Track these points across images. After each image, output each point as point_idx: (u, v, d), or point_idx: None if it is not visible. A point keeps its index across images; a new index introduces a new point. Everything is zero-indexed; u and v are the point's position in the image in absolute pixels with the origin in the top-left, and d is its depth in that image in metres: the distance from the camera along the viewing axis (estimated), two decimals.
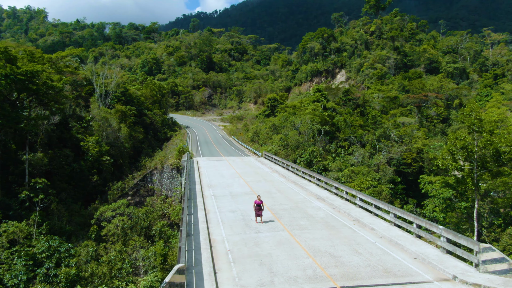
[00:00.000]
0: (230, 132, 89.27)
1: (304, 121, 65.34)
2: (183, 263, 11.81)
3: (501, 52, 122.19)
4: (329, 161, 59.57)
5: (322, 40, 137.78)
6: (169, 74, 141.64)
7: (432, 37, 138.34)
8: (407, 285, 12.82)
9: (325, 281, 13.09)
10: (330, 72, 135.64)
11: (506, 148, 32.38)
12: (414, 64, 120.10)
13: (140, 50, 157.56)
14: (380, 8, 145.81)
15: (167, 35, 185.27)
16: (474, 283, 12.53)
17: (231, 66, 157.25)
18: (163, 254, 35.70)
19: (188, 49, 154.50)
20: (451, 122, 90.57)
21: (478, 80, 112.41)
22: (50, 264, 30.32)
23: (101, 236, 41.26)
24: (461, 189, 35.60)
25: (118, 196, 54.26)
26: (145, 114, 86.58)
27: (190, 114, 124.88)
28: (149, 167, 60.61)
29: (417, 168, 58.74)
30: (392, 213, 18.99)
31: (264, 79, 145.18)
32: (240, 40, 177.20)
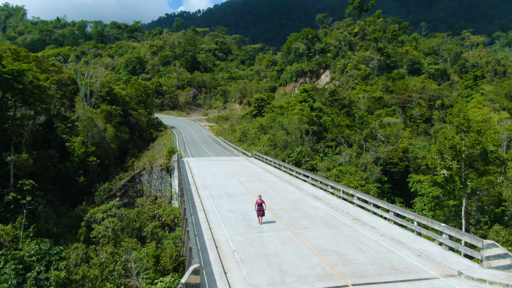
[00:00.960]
0: (217, 132, 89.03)
1: (292, 121, 65.70)
2: (198, 263, 11.79)
3: (480, 54, 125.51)
4: (317, 161, 60.05)
5: (307, 41, 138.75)
6: (153, 73, 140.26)
7: (414, 38, 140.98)
8: (415, 282, 13.12)
9: (335, 279, 13.28)
10: (314, 72, 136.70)
11: (494, 148, 33.35)
12: (397, 65, 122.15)
13: (123, 49, 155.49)
14: (363, 10, 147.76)
15: (150, 34, 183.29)
16: (479, 279, 12.93)
17: (216, 66, 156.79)
18: (155, 255, 35.45)
19: (172, 48, 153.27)
20: (433, 122, 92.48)
21: (458, 81, 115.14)
22: (41, 268, 29.73)
23: (90, 238, 40.67)
24: (449, 187, 36.45)
25: (105, 198, 53.52)
26: (130, 114, 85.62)
27: (175, 114, 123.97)
28: (137, 168, 59.97)
29: (403, 168, 59.87)
30: (392, 211, 19.36)
31: (249, 79, 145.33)
32: (225, 40, 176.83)
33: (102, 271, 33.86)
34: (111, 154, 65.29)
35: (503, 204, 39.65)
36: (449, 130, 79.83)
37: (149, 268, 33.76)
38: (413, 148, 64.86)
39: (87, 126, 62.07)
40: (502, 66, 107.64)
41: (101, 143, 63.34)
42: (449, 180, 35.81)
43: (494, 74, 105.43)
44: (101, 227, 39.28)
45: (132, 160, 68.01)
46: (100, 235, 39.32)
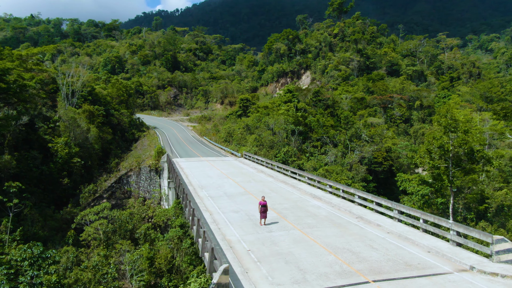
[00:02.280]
0: (201, 133, 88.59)
1: (277, 121, 66.16)
2: (226, 263, 11.88)
3: (455, 56, 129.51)
4: (303, 161, 60.71)
5: (288, 41, 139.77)
6: (133, 73, 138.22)
7: (392, 40, 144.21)
8: (432, 277, 13.62)
9: (355, 276, 13.63)
10: (295, 73, 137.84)
11: (480, 147, 34.63)
12: (376, 66, 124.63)
13: (102, 48, 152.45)
14: (342, 11, 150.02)
15: (129, 33, 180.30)
16: (492, 272, 13.54)
17: (197, 65, 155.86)
18: (149, 257, 35.09)
19: (152, 48, 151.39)
20: (412, 122, 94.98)
21: (435, 82, 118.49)
22: (35, 272, 29.00)
23: (79, 241, 39.88)
24: (437, 186, 37.60)
25: (92, 199, 52.54)
26: (112, 114, 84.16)
27: (156, 115, 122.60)
28: (123, 169, 59.10)
29: (387, 167, 61.24)
30: (396, 209, 19.92)
31: (230, 79, 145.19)
32: (205, 40, 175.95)
33: (95, 274, 33.36)
34: (94, 155, 64.20)
35: (486, 201, 41.15)
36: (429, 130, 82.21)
37: (144, 270, 33.47)
38: (396, 147, 66.47)
39: (69, 126, 60.84)
40: (477, 68, 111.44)
41: (84, 143, 62.17)
42: (437, 178, 36.93)
43: (470, 76, 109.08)
44: (91, 230, 38.64)
45: (115, 161, 67.02)
46: (90, 237, 38.69)
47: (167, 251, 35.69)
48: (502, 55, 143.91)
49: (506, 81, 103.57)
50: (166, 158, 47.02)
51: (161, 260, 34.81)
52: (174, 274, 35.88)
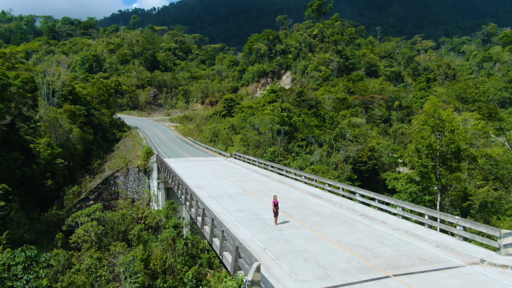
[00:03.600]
0: (184, 133, 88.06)
1: (263, 121, 66.56)
2: (257, 261, 12.09)
3: (431, 58, 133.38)
4: (289, 160, 61.33)
5: (268, 42, 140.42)
6: (112, 72, 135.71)
7: (370, 42, 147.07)
8: (447, 270, 14.24)
9: (375, 271, 14.10)
10: (276, 73, 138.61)
11: (466, 146, 36.03)
12: (355, 67, 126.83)
13: (78, 46, 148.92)
14: (321, 13, 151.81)
15: (106, 31, 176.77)
16: (502, 265, 14.29)
17: (176, 65, 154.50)
18: (144, 259, 34.78)
19: (130, 46, 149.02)
20: (391, 122, 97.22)
21: (412, 83, 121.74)
22: (30, 276, 28.28)
23: (69, 244, 39.07)
24: (425, 184, 38.85)
25: (78, 201, 51.52)
26: (93, 114, 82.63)
27: (136, 114, 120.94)
28: (109, 169, 58.18)
29: (372, 166, 62.61)
30: (400, 206, 20.59)
31: (210, 79, 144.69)
32: (184, 39, 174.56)
33: (89, 277, 32.87)
34: (76, 156, 63.01)
35: (469, 198, 42.75)
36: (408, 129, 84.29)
37: (138, 272, 33.16)
38: (378, 147, 68.03)
39: (50, 126, 59.49)
40: (452, 70, 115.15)
41: (66, 144, 60.92)
42: (425, 177, 38.15)
43: (445, 77, 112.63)
44: (81, 232, 37.96)
45: (98, 162, 65.96)
46: (80, 240, 37.98)
47: (162, 252, 35.48)
48: (474, 57, 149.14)
49: (479, 82, 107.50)
50: (155, 158, 46.63)
51: (156, 261, 34.58)
52: (168, 275, 35.72)
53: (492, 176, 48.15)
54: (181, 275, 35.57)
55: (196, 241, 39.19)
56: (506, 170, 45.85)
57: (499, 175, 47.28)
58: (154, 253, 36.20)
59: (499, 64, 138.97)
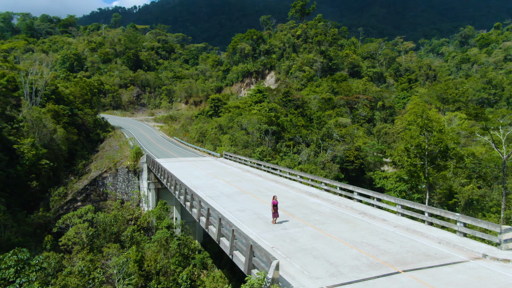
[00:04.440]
0: (170, 133, 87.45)
1: (251, 121, 66.76)
2: (276, 259, 12.28)
3: (412, 59, 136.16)
4: (277, 160, 61.68)
5: (252, 42, 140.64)
6: (93, 71, 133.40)
7: (353, 43, 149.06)
8: (453, 265, 14.75)
9: (384, 267, 14.49)
10: (260, 73, 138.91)
11: (454, 145, 37.08)
12: (339, 68, 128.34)
13: (58, 44, 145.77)
14: (305, 13, 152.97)
15: (86, 29, 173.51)
16: (504, 259, 14.90)
17: (159, 64, 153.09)
18: (138, 260, 34.51)
19: (112, 45, 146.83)
20: (375, 122, 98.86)
21: (394, 83, 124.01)
22: (23, 279, 27.73)
23: (58, 246, 38.39)
24: (414, 182, 39.82)
25: (65, 202, 50.62)
26: (76, 114, 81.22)
27: (120, 114, 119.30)
28: (94, 170, 57.37)
29: (358, 165, 63.56)
30: (400, 204, 21.12)
31: (194, 79, 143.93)
32: (167, 38, 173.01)
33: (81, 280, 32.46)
34: (60, 157, 61.91)
35: (455, 196, 43.99)
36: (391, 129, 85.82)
37: (133, 273, 32.89)
38: (364, 146, 69.14)
39: (34, 127, 58.30)
40: (433, 71, 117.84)
41: (50, 144, 59.77)
42: (414, 175, 39.09)
43: (426, 78, 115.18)
44: (71, 234, 37.35)
45: (82, 163, 64.97)
46: (71, 242, 37.38)
47: (156, 253, 35.27)
48: (452, 59, 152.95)
49: (459, 83, 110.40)
50: (145, 159, 46.25)
51: (151, 262, 34.38)
52: (162, 276, 35.56)
53: (475, 175, 49.64)
54: (174, 276, 35.48)
55: (189, 241, 39.15)
56: (489, 169, 47.35)
57: (482, 173, 48.77)
58: (147, 254, 35.98)
59: (477, 66, 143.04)
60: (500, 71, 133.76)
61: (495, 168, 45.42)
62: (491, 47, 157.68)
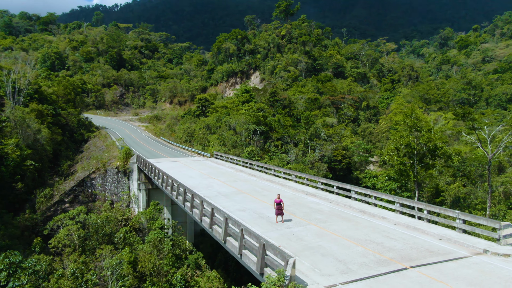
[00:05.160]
0: (156, 133, 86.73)
1: (239, 121, 66.86)
2: (292, 257, 12.48)
3: (394, 60, 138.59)
4: (266, 160, 61.95)
5: (237, 42, 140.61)
6: (75, 70, 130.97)
7: (336, 43, 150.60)
8: (457, 260, 15.25)
9: (392, 264, 14.87)
10: (245, 73, 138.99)
11: (443, 144, 38.05)
12: (323, 68, 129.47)
13: (39, 43, 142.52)
14: (289, 14, 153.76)
15: (67, 27, 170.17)
16: (504, 254, 15.50)
17: (143, 64, 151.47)
18: (131, 261, 34.21)
19: (95, 44, 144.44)
20: (359, 122, 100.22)
21: (377, 84, 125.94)
22: (15, 282, 27.17)
23: (48, 249, 37.74)
24: (403, 181, 40.67)
25: (52, 204, 49.70)
26: (59, 114, 79.78)
27: (103, 114, 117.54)
28: (80, 170, 56.54)
29: (346, 164, 64.40)
30: (398, 202, 21.63)
31: (178, 78, 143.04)
32: (150, 38, 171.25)
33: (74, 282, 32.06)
34: (45, 158, 60.84)
35: (441, 194, 45.09)
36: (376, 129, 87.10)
37: (127, 275, 32.62)
38: (351, 146, 70.09)
39: (17, 127, 57.09)
40: (415, 71, 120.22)
41: (34, 145, 58.67)
42: (404, 174, 39.93)
43: (409, 79, 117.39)
44: (61, 236, 36.79)
45: (67, 164, 64.01)
46: (61, 244, 36.83)
47: (149, 254, 35.03)
48: (433, 60, 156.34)
49: (440, 84, 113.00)
50: (135, 159, 45.83)
51: (145, 263, 34.12)
52: (155, 277, 35.35)
53: (460, 173, 50.97)
54: (168, 276, 35.32)
55: (182, 242, 39.04)
56: (473, 167, 48.71)
57: (466, 172, 50.11)
58: (140, 255, 35.68)
59: (456, 67, 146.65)
60: (478, 72, 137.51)
61: (479, 166, 46.77)
62: (469, 49, 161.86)
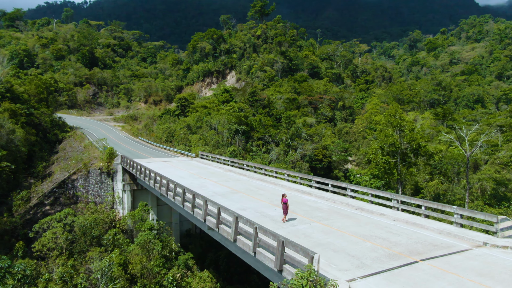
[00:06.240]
0: (133, 133, 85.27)
1: (221, 121, 66.84)
2: (315, 253, 12.84)
3: (367, 61, 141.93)
4: (248, 160, 62.34)
5: (212, 41, 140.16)
6: (46, 68, 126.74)
7: (311, 44, 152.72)
8: (461, 253, 16.09)
9: (402, 258, 15.52)
10: (221, 72, 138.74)
11: (426, 143, 39.56)
12: (299, 68, 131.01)
13: (5, 39, 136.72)
14: (264, 14, 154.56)
15: (35, 24, 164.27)
16: (503, 246, 16.48)
17: (116, 62, 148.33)
18: (122, 263, 33.71)
19: (65, 41, 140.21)
20: (336, 121, 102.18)
21: (351, 84, 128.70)
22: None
23: (32, 253, 36.62)
24: (387, 179, 41.99)
25: (31, 207, 48.10)
26: (32, 113, 77.17)
27: (76, 114, 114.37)
28: (57, 171, 55.02)
29: (327, 164, 65.59)
30: (395, 199, 22.45)
31: (153, 78, 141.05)
32: (123, 36, 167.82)
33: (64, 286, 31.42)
34: (19, 159, 58.81)
35: (421, 192, 46.81)
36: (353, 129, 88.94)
37: (118, 277, 32.17)
38: (331, 145, 71.42)
39: None
40: (389, 73, 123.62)
41: (8, 146, 56.60)
42: (388, 172, 41.22)
43: (382, 79, 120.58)
44: (45, 239, 35.81)
45: (43, 165, 62.23)
46: (45, 248, 35.84)
47: (140, 255, 34.59)
48: (403, 61, 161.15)
49: (411, 85, 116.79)
50: (120, 159, 45.06)
51: (136, 265, 33.69)
52: (145, 279, 34.98)
53: (437, 171, 53.04)
54: (158, 278, 35.02)
55: (171, 243, 38.75)
56: (450, 165, 50.80)
57: (443, 170, 52.20)
58: (130, 257, 35.17)
59: (426, 68, 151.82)
60: (446, 74, 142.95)
61: (456, 164, 48.86)
62: (438, 51, 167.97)
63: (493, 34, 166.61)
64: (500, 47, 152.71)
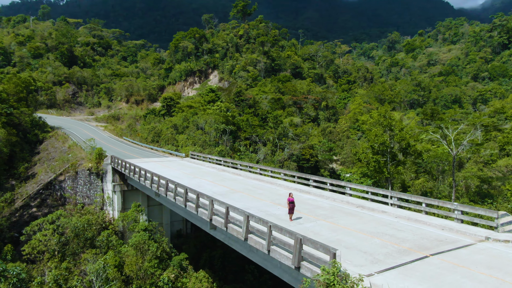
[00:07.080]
0: (117, 133, 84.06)
1: (208, 121, 66.70)
2: (336, 249, 13.18)
3: (348, 62, 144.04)
4: (236, 159, 62.42)
5: (195, 40, 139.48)
6: (23, 67, 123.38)
7: (293, 44, 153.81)
8: (466, 248, 16.76)
9: (412, 253, 16.06)
10: (203, 72, 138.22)
11: (415, 142, 40.63)
12: (282, 68, 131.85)
13: None
14: (246, 14, 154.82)
15: (10, 21, 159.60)
16: (505, 240, 17.25)
17: (96, 61, 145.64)
18: (117, 265, 33.37)
19: (43, 39, 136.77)
20: (319, 121, 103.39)
21: (333, 85, 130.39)
22: None
23: (21, 256, 35.78)
24: (377, 177, 42.91)
25: (16, 209, 46.88)
26: (12, 113, 75.05)
27: (56, 114, 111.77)
28: (40, 173, 53.86)
29: (314, 163, 66.37)
30: (395, 197, 23.09)
31: (134, 77, 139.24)
32: (103, 34, 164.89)
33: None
34: (0, 160, 57.36)
35: (408, 190, 48.01)
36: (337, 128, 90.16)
37: (114, 279, 31.85)
38: (318, 145, 72.28)
39: None
40: (370, 73, 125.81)
41: None
42: (378, 171, 42.13)
43: (364, 80, 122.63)
44: (36, 242, 35.08)
45: (24, 166, 60.86)
46: (35, 250, 35.12)
47: (135, 256, 34.29)
48: (383, 62, 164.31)
49: (392, 85, 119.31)
50: (110, 160, 44.45)
51: (132, 266, 33.40)
52: (140, 280, 34.72)
53: (422, 169, 54.48)
54: (153, 278, 34.81)
55: (165, 243, 38.55)
56: (435, 164, 52.28)
57: (428, 168, 53.67)
58: (124, 258, 34.82)
59: (404, 69, 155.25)
60: (425, 75, 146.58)
61: (441, 163, 50.34)
62: (416, 52, 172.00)
63: (469, 36, 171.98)
64: (476, 49, 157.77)
